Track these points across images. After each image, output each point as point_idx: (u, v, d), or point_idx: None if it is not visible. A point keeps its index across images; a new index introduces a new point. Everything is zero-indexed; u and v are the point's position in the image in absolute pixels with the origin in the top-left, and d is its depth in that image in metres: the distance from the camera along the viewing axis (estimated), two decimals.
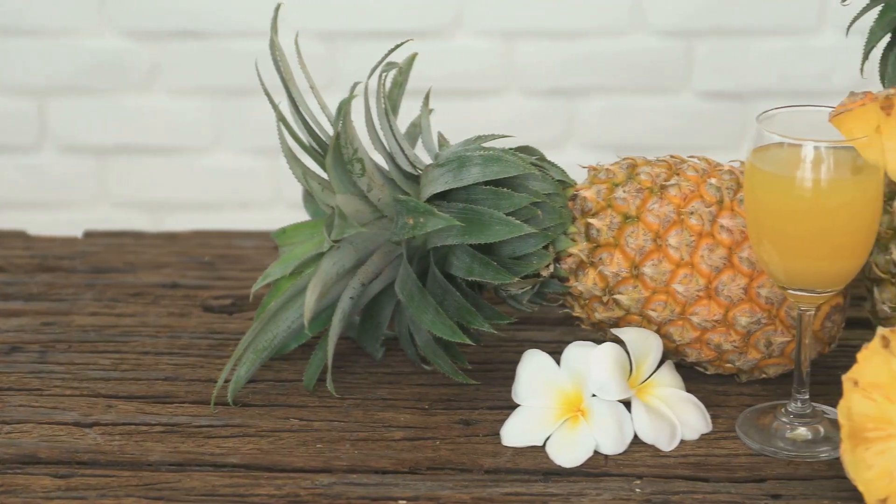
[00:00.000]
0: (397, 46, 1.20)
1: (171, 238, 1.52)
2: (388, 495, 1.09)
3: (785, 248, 1.11)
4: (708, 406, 1.20)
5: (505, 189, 1.18)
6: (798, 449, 1.14)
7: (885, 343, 1.05)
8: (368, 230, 1.19)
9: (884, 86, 1.21)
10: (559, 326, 1.32)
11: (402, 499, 1.09)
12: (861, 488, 1.06)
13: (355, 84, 1.17)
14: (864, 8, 1.20)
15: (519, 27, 2.27)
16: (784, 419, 1.16)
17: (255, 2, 2.25)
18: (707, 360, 1.22)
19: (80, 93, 2.30)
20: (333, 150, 1.16)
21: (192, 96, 2.31)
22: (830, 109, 1.11)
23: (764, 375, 1.23)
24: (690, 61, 2.29)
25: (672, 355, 1.23)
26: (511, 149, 1.23)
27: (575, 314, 1.23)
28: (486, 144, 1.22)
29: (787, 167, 1.09)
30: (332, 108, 1.19)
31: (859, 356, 1.06)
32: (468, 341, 1.18)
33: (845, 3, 1.17)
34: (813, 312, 1.14)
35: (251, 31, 2.25)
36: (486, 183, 1.19)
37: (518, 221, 1.17)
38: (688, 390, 1.21)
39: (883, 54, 1.20)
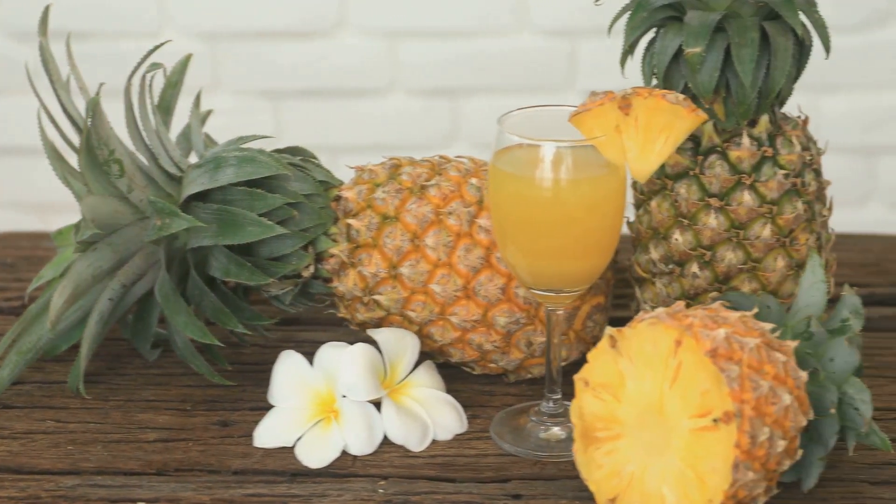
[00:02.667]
0: (157, 48, 1.20)
1: None
2: (129, 497, 1.09)
3: (528, 249, 1.10)
4: (472, 406, 1.20)
5: (259, 190, 1.18)
6: (549, 449, 1.14)
7: (613, 343, 1.04)
8: (127, 231, 1.19)
9: (645, 83, 1.20)
10: (342, 327, 1.32)
11: (143, 500, 1.08)
12: (592, 488, 1.05)
13: (101, 85, 1.16)
14: (622, 9, 1.19)
15: (403, 27, 2.27)
16: (535, 419, 1.16)
17: (141, 2, 2.24)
18: (471, 359, 1.22)
19: None
20: (86, 152, 1.16)
21: (76, 97, 2.30)
22: (573, 109, 1.11)
23: (529, 375, 1.23)
24: (574, 61, 2.29)
25: (437, 355, 1.23)
26: (276, 150, 1.23)
27: (340, 315, 1.23)
28: (247, 145, 1.22)
29: (527, 167, 1.08)
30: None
31: (589, 356, 1.06)
32: (217, 342, 1.17)
33: (598, 3, 1.17)
34: (561, 312, 1.14)
35: (137, 32, 2.24)
36: (244, 183, 1.18)
37: (271, 222, 1.16)
38: (454, 390, 1.20)
39: (644, 54, 1.19)
